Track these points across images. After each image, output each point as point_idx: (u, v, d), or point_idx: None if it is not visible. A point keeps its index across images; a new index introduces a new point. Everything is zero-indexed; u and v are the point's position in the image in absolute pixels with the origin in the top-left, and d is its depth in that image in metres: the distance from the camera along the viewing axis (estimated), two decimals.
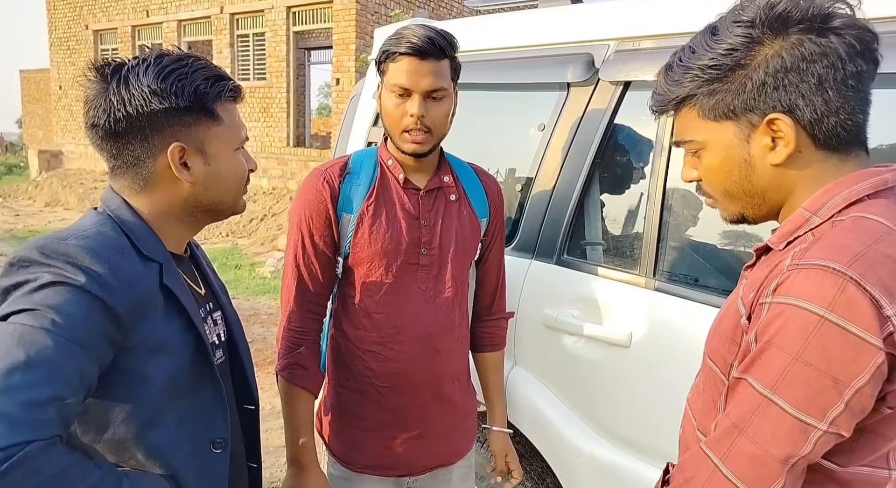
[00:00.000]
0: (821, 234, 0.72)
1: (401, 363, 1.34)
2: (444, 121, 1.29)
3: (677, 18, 1.47)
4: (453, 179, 1.40)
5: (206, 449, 0.96)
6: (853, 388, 0.64)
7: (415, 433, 1.38)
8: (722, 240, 1.45)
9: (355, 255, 1.32)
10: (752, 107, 0.75)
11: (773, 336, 0.68)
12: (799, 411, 0.66)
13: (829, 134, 0.74)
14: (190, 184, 0.95)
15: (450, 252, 1.35)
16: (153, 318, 0.88)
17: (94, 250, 0.84)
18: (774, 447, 0.68)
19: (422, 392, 1.37)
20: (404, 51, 1.22)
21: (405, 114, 1.25)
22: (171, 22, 12.20)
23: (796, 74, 0.72)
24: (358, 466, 1.40)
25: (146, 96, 0.88)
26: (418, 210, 1.34)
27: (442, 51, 1.24)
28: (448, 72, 1.27)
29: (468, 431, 1.50)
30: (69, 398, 0.76)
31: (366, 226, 1.31)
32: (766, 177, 0.78)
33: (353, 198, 1.33)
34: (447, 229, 1.36)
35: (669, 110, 0.85)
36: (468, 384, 1.50)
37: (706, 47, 0.78)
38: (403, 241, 1.31)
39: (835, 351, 0.64)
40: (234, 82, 0.99)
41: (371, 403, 1.37)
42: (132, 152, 0.92)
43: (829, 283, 0.64)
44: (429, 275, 1.35)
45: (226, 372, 1.06)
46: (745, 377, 0.71)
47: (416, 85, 1.23)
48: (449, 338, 1.38)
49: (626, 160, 1.62)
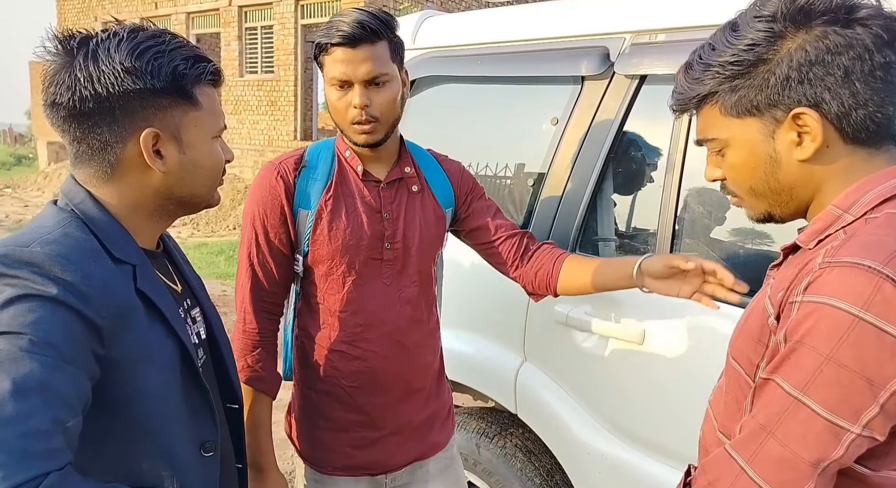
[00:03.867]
0: (853, 232, 0.70)
1: (368, 361, 1.30)
2: (391, 106, 1.22)
3: (694, 11, 1.44)
4: (415, 169, 1.35)
5: (197, 453, 0.91)
6: (889, 390, 0.62)
7: (387, 431, 1.34)
8: (738, 237, 1.43)
9: (315, 253, 1.27)
10: (776, 102, 0.73)
11: (804, 335, 0.66)
12: (831, 413, 0.64)
13: (858, 127, 0.72)
14: (163, 173, 0.86)
15: (414, 245, 1.31)
16: (135, 327, 0.81)
17: (64, 256, 0.75)
18: (804, 450, 0.66)
19: (392, 389, 1.33)
20: (336, 41, 1.17)
21: (348, 105, 1.20)
22: (179, 14, 12.20)
23: (821, 67, 0.70)
24: (329, 469, 1.36)
25: (118, 74, 0.79)
26: (380, 203, 1.29)
27: (376, 33, 1.17)
28: (387, 54, 1.20)
29: (444, 423, 1.46)
30: (70, 420, 0.69)
31: (325, 222, 1.25)
32: (793, 173, 0.76)
33: (310, 193, 1.27)
34: (410, 221, 1.31)
35: (690, 109, 0.83)
36: (441, 375, 1.47)
37: (727, 43, 0.76)
38: (365, 236, 1.27)
39: (870, 351, 0.62)
40: (215, 65, 0.90)
41: (339, 404, 1.32)
42: (98, 136, 0.82)
43: (865, 281, 0.62)
44: (393, 269, 1.30)
45: (209, 371, 1.02)
46: (773, 378, 0.69)
47: (353, 75, 1.18)
48: (417, 333, 1.34)
49: (641, 155, 1.60)
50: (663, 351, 1.44)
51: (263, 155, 10.88)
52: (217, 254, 7.56)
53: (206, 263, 7.11)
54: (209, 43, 13.45)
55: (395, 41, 1.23)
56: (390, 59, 1.21)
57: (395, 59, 1.23)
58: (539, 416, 1.68)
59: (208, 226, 9.59)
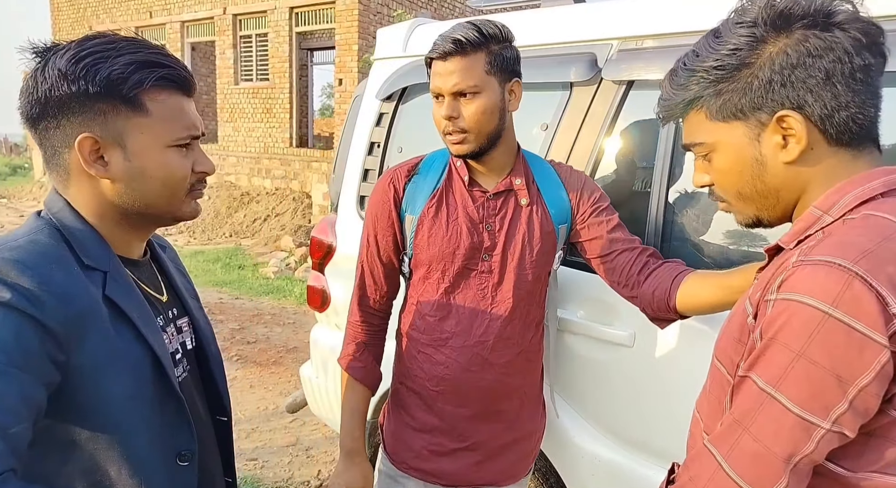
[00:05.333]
0: (830, 232, 0.71)
1: (450, 369, 1.31)
2: (481, 118, 1.21)
3: (680, 17, 1.47)
4: (527, 182, 1.32)
5: (172, 463, 0.90)
6: (857, 387, 0.63)
7: (464, 444, 1.35)
8: (727, 239, 1.45)
9: (416, 257, 1.33)
10: (760, 105, 0.75)
11: (776, 332, 0.67)
12: (802, 409, 0.66)
13: (841, 129, 0.73)
14: (109, 180, 0.85)
15: (514, 260, 1.29)
16: (99, 333, 0.80)
17: (22, 262, 0.75)
18: (777, 445, 0.67)
19: (473, 403, 1.33)
20: (433, 56, 1.22)
21: (442, 118, 1.24)
22: (174, 23, 12.21)
23: (803, 70, 0.72)
24: (404, 466, 1.39)
25: (55, 79, 0.80)
26: (482, 213, 1.30)
27: (469, 45, 1.18)
28: (481, 66, 1.20)
29: (525, 454, 1.43)
30: (14, 426, 0.68)
31: (426, 228, 1.30)
32: (779, 175, 0.77)
33: (417, 198, 1.32)
34: (513, 235, 1.29)
35: (677, 116, 0.84)
36: (535, 401, 1.43)
37: (710, 49, 0.78)
38: (463, 245, 1.28)
39: (839, 348, 0.63)
40: (173, 70, 0.86)
41: (423, 404, 1.36)
42: (50, 141, 0.84)
43: (835, 279, 0.63)
44: (489, 282, 1.30)
45: (195, 381, 1.00)
46: (748, 374, 0.71)
47: (442, 87, 1.21)
48: (506, 351, 1.31)
49: (630, 159, 1.61)
50: (654, 353, 1.45)
51: (259, 162, 10.88)
52: (213, 262, 7.56)
53: (202, 271, 7.11)
54: (204, 51, 13.47)
55: (497, 53, 1.22)
56: (484, 71, 1.21)
57: (494, 71, 1.22)
58: None
59: (204, 234, 9.58)
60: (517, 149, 1.35)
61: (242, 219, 9.75)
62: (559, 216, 1.34)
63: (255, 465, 2.96)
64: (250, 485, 2.77)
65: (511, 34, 1.25)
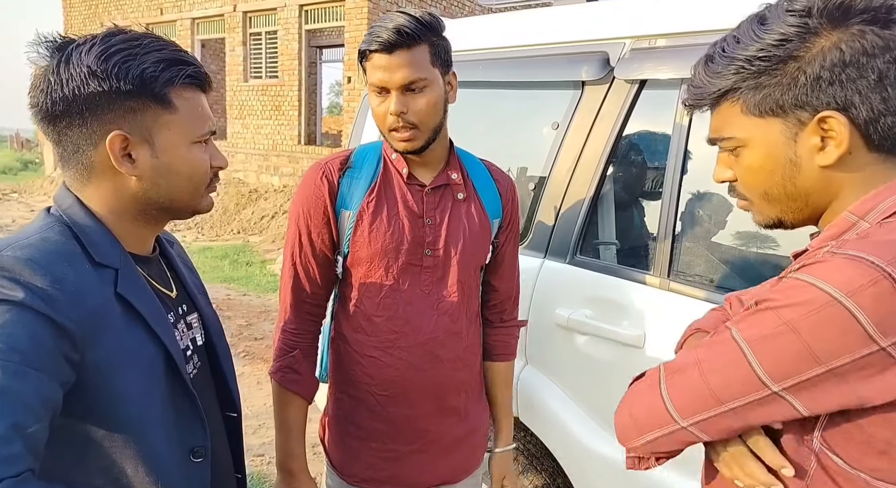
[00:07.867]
0: (867, 234, 0.67)
1: (401, 370, 1.26)
2: (430, 112, 1.18)
3: (694, 16, 1.46)
4: (462, 176, 1.31)
5: (186, 459, 0.90)
6: (827, 366, 0.62)
7: (415, 446, 1.30)
8: (738, 240, 1.44)
9: (354, 255, 1.25)
10: (803, 103, 0.69)
11: (773, 302, 0.65)
12: (760, 366, 0.65)
13: (885, 135, 0.68)
14: (137, 178, 0.85)
15: (455, 254, 1.27)
16: (112, 331, 0.79)
17: (34, 260, 0.74)
18: (716, 384, 0.69)
19: (423, 402, 1.29)
20: (374, 48, 1.15)
21: (387, 112, 1.18)
22: (184, 20, 12.26)
23: (855, 69, 0.66)
24: (354, 478, 1.33)
25: (84, 77, 0.79)
26: (422, 208, 1.26)
27: (414, 37, 1.14)
28: (426, 58, 1.16)
29: (476, 447, 1.40)
30: (32, 426, 0.68)
31: (365, 224, 1.23)
32: (812, 179, 0.72)
33: (353, 193, 1.25)
34: (453, 229, 1.27)
35: (706, 104, 0.77)
36: (480, 396, 1.41)
37: (754, 37, 0.71)
38: (405, 241, 1.24)
39: (831, 330, 0.61)
40: (197, 68, 0.87)
41: (368, 411, 1.29)
42: (71, 139, 0.83)
43: (861, 273, 0.60)
44: (432, 277, 1.27)
45: (206, 377, 1.00)
46: (729, 326, 0.70)
47: (389, 81, 1.15)
48: (454, 346, 1.29)
49: (641, 159, 1.61)
50: (662, 354, 1.44)
51: (268, 159, 10.92)
52: (221, 259, 7.58)
53: (210, 267, 7.13)
54: (214, 48, 13.52)
55: (438, 44, 1.19)
56: (430, 64, 1.17)
57: (437, 63, 1.19)
58: (541, 419, 1.69)
59: (213, 230, 9.62)
60: (451, 143, 1.32)
61: (250, 215, 9.78)
62: (493, 211, 1.34)
63: (262, 461, 2.96)
64: (258, 481, 2.77)
65: (444, 24, 1.23)
